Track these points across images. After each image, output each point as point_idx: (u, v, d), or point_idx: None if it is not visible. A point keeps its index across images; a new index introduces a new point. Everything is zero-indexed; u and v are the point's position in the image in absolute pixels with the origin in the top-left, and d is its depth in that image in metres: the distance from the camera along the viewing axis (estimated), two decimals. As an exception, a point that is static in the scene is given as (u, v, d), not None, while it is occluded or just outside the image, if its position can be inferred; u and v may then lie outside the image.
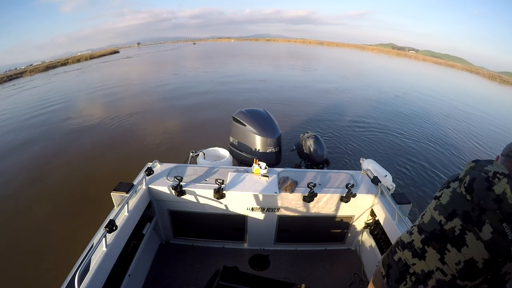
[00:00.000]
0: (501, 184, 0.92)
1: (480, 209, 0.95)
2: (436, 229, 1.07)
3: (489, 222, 0.92)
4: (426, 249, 1.09)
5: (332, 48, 64.91)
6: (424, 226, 1.13)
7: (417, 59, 52.22)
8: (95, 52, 46.39)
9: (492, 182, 0.94)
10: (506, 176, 0.92)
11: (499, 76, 32.03)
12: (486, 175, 0.96)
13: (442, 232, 1.05)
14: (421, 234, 1.13)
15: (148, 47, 73.75)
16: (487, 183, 0.94)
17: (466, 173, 1.04)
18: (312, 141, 3.22)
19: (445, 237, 1.03)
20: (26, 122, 8.68)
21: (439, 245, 1.05)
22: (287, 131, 6.39)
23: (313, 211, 2.23)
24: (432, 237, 1.08)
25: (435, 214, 1.10)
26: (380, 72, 22.93)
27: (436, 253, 1.05)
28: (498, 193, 0.91)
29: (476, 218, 0.95)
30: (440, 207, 1.09)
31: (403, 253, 1.19)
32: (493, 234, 0.90)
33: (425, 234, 1.11)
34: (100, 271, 1.45)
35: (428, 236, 1.10)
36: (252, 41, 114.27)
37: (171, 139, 6.48)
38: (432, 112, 9.79)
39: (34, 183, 4.83)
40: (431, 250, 1.08)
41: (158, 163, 2.36)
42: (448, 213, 1.04)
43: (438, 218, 1.08)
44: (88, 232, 1.83)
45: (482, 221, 0.93)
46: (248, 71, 18.46)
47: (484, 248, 0.92)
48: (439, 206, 1.09)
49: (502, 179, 0.92)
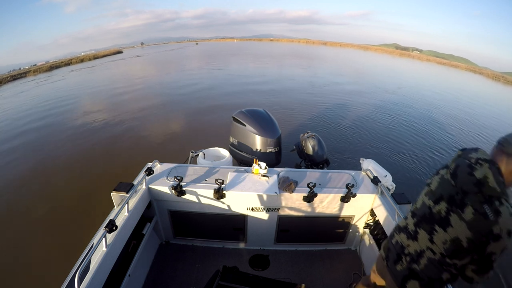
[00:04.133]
0: (482, 169, 1.00)
1: (463, 193, 1.04)
2: (426, 212, 1.18)
3: (470, 204, 1.01)
4: (418, 231, 1.20)
5: (335, 48, 64.75)
6: (417, 211, 1.24)
7: (420, 59, 51.91)
8: (98, 52, 46.63)
9: (474, 168, 1.03)
10: (488, 162, 1.01)
11: (503, 76, 31.76)
12: (469, 162, 1.05)
13: (431, 215, 1.15)
14: (414, 218, 1.24)
15: (152, 47, 74.00)
16: (469, 169, 1.04)
17: (453, 161, 1.14)
18: (312, 141, 3.21)
19: (433, 219, 1.13)
20: (26, 122, 8.74)
21: (428, 226, 1.15)
22: (287, 131, 6.38)
23: (313, 211, 2.23)
24: (423, 220, 1.19)
25: (425, 199, 1.21)
26: (381, 72, 22.84)
27: (426, 234, 1.16)
28: (479, 177, 1.00)
29: (459, 201, 1.05)
30: (429, 193, 1.19)
31: (400, 236, 1.31)
32: (475, 215, 0.99)
33: (417, 217, 1.23)
34: (100, 271, 1.45)
35: (419, 219, 1.21)
36: (255, 41, 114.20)
37: (171, 139, 6.50)
38: (433, 112, 9.74)
39: (34, 183, 4.87)
40: (422, 231, 1.18)
41: (158, 163, 2.37)
42: (436, 197, 1.15)
43: (427, 202, 1.18)
44: (88, 232, 1.84)
45: (465, 203, 1.02)
46: (249, 71, 18.49)
47: (467, 228, 1.01)
48: (429, 192, 1.20)
49: (484, 164, 1.01)
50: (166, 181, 2.14)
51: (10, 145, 6.85)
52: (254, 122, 2.99)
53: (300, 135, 3.45)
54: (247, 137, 3.01)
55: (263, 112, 3.17)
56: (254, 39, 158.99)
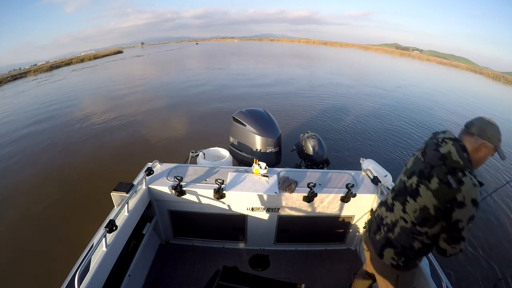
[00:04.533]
0: (446, 146, 1.16)
1: (430, 167, 1.18)
2: (401, 187, 1.33)
3: (436, 176, 1.14)
4: (394, 203, 1.35)
5: (335, 48, 64.68)
6: (395, 187, 1.41)
7: (421, 59, 51.77)
8: (98, 52, 46.61)
9: (439, 145, 1.18)
10: (452, 140, 1.17)
11: (503, 76, 31.69)
12: (437, 141, 1.22)
13: (404, 188, 1.30)
14: (392, 193, 1.41)
15: (152, 47, 73.96)
16: (435, 146, 1.20)
17: (425, 142, 1.30)
18: (312, 141, 3.21)
19: (406, 191, 1.28)
20: (27, 121, 8.75)
21: (402, 198, 1.29)
22: (287, 131, 6.37)
23: (313, 211, 2.23)
24: (399, 194, 1.34)
25: (402, 176, 1.37)
26: (381, 72, 22.81)
27: (400, 205, 1.30)
28: (443, 152, 1.15)
29: (427, 174, 1.18)
30: (405, 171, 1.35)
31: (380, 210, 1.47)
32: (440, 184, 1.12)
33: (395, 192, 1.38)
34: (100, 271, 1.46)
35: (396, 193, 1.36)
36: (256, 41, 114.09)
37: (171, 139, 6.49)
38: (433, 112, 9.72)
39: (34, 183, 4.86)
40: (397, 203, 1.33)
41: (158, 163, 2.37)
42: (409, 173, 1.30)
43: (403, 178, 1.34)
44: (88, 232, 1.84)
45: (431, 175, 1.16)
46: (249, 71, 18.45)
47: (433, 196, 1.13)
48: (405, 170, 1.36)
49: (448, 142, 1.17)
50: (166, 181, 2.14)
51: (11, 145, 6.84)
52: (254, 122, 2.99)
53: (300, 135, 3.44)
54: (247, 137, 3.01)
55: (263, 112, 3.17)
56: (254, 39, 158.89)
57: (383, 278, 1.43)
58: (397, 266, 1.32)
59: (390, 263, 1.34)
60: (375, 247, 1.41)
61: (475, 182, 1.07)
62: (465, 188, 1.05)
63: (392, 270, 1.36)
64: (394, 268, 1.34)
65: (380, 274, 1.44)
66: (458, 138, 1.17)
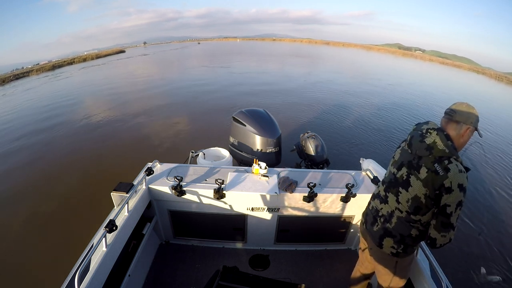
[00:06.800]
0: (431, 136, 1.21)
1: (418, 158, 1.24)
2: (392, 178, 1.38)
3: (424, 165, 1.20)
4: (388, 195, 1.40)
5: (338, 48, 64.53)
6: (385, 179, 1.46)
7: (423, 59, 51.55)
8: (101, 51, 46.72)
9: (425, 136, 1.23)
10: (436, 130, 1.21)
11: (506, 77, 31.51)
12: (421, 132, 1.26)
13: (395, 180, 1.35)
14: (384, 185, 1.46)
15: (155, 47, 74.02)
16: (421, 137, 1.24)
17: (409, 134, 1.34)
18: (312, 141, 3.20)
19: (398, 183, 1.33)
20: (26, 122, 8.77)
21: (395, 190, 1.35)
22: (287, 131, 6.35)
23: (313, 211, 2.23)
24: (390, 185, 1.39)
25: (391, 168, 1.42)
26: (383, 72, 22.73)
27: (394, 196, 1.35)
28: (429, 143, 1.20)
29: (416, 165, 1.24)
30: (394, 163, 1.40)
31: (374, 202, 1.52)
32: (428, 173, 1.17)
33: (386, 184, 1.44)
34: (100, 271, 1.46)
35: (388, 185, 1.41)
36: (258, 40, 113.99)
37: (171, 139, 6.49)
38: (434, 112, 9.67)
39: (34, 183, 4.87)
40: (390, 195, 1.38)
41: (158, 163, 2.37)
42: (398, 165, 1.36)
43: (392, 170, 1.39)
44: (88, 232, 1.85)
45: (420, 165, 1.22)
46: (250, 71, 18.46)
47: (422, 185, 1.19)
48: (393, 162, 1.41)
49: (432, 132, 1.21)
50: (166, 181, 2.15)
51: (10, 145, 6.86)
52: (254, 122, 2.98)
53: (300, 135, 3.44)
54: (247, 137, 3.01)
55: (263, 112, 3.16)
56: (257, 39, 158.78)
57: (382, 267, 1.48)
58: (397, 254, 1.38)
59: (390, 252, 1.39)
60: (374, 238, 1.45)
61: (461, 168, 1.13)
62: (451, 174, 1.11)
63: (391, 258, 1.41)
64: (394, 256, 1.39)
65: (380, 263, 1.49)
66: (441, 127, 1.23)
